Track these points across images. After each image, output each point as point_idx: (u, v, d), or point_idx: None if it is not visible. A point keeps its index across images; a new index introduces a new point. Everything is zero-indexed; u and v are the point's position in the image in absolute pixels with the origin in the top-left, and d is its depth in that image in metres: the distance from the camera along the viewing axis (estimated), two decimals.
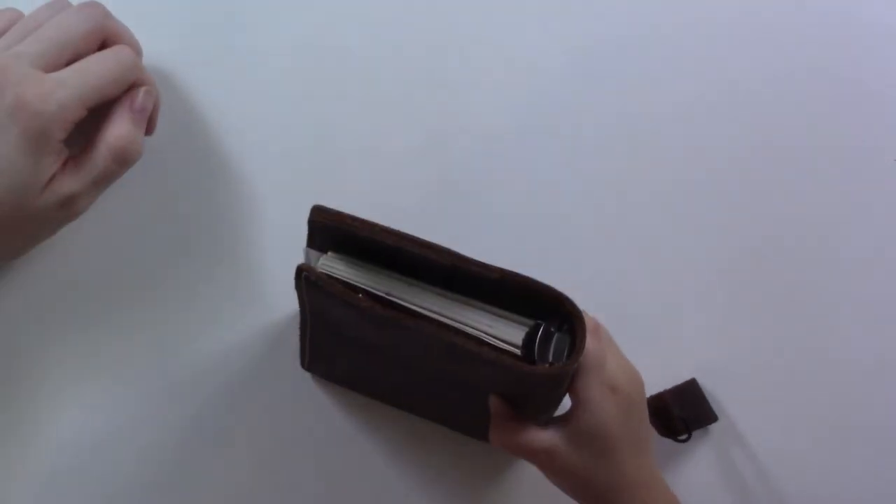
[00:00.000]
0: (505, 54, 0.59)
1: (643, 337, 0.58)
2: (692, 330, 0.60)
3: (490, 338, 0.43)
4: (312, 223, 0.44)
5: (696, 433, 0.59)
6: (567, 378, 0.44)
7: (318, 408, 0.59)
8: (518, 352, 0.43)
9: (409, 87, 0.59)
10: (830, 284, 0.58)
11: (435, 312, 0.43)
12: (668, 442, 0.58)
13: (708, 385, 0.59)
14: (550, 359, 0.43)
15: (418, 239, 0.42)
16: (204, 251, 0.59)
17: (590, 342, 0.44)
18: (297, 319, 0.56)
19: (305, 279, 0.44)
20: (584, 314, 0.44)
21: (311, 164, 0.59)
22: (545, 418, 0.47)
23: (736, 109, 0.58)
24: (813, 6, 0.58)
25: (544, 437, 0.46)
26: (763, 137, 0.58)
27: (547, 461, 0.47)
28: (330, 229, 0.44)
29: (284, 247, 0.54)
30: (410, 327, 0.42)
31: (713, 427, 0.60)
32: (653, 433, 0.52)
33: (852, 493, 0.58)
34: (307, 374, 0.60)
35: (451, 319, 0.43)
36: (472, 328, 0.43)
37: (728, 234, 0.59)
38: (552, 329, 0.43)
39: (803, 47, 0.58)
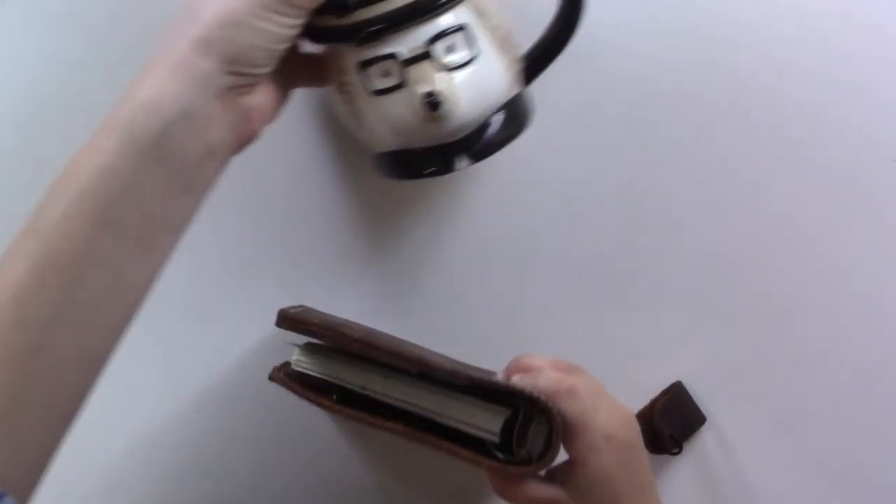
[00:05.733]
0: None
1: (628, 340, 0.58)
2: (677, 332, 0.58)
3: (468, 426, 0.43)
4: (280, 326, 0.44)
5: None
6: (551, 461, 0.43)
7: (314, 413, 0.57)
8: (496, 439, 0.43)
9: None
10: (828, 285, 0.57)
11: (412, 404, 0.43)
12: None
13: (693, 386, 0.59)
14: (529, 444, 0.43)
15: (385, 346, 0.42)
16: (203, 254, 0.59)
17: (570, 406, 0.44)
18: None
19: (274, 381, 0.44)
20: (557, 378, 0.43)
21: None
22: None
23: (734, 109, 0.56)
24: (813, 6, 0.55)
25: (548, 490, 0.45)
26: (760, 137, 0.56)
27: None
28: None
29: (285, 248, 0.55)
30: (382, 428, 0.42)
31: (701, 430, 0.59)
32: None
33: (843, 493, 0.58)
34: None
35: (428, 410, 0.43)
36: (450, 417, 0.43)
37: (721, 234, 0.57)
38: (530, 417, 0.43)
39: (803, 47, 0.55)
